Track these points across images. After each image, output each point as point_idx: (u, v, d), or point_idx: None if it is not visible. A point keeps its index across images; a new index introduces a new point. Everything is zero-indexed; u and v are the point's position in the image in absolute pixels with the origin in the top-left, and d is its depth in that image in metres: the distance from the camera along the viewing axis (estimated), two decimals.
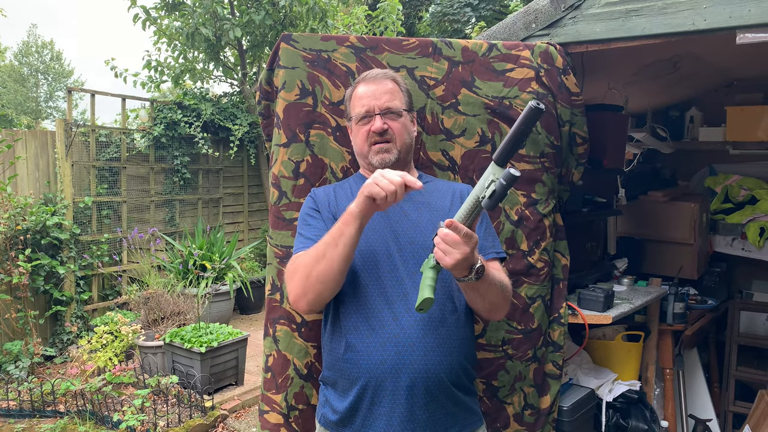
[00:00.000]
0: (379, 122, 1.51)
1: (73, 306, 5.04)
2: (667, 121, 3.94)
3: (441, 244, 1.26)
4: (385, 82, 1.56)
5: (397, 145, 1.53)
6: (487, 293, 1.38)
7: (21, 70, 23.76)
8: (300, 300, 1.40)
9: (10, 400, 3.83)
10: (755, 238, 3.50)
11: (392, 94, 1.55)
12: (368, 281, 1.44)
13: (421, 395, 1.38)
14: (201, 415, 3.63)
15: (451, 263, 1.25)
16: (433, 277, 1.30)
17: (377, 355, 1.39)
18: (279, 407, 1.87)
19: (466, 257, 1.24)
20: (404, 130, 1.55)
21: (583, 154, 2.18)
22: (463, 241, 1.23)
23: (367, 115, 1.53)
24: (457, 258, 1.24)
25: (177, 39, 6.46)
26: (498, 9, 8.88)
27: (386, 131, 1.51)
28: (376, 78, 1.57)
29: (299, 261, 1.42)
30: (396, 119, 1.53)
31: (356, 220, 1.32)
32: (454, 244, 1.24)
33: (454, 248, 1.24)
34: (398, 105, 1.54)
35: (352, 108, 1.59)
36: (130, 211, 5.79)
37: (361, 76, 1.61)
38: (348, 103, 1.62)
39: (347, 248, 1.33)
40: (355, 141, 1.60)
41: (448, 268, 1.26)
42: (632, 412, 2.54)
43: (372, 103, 1.53)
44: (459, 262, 1.24)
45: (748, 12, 1.76)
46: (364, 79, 1.58)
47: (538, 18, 2.17)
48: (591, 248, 2.91)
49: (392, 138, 1.53)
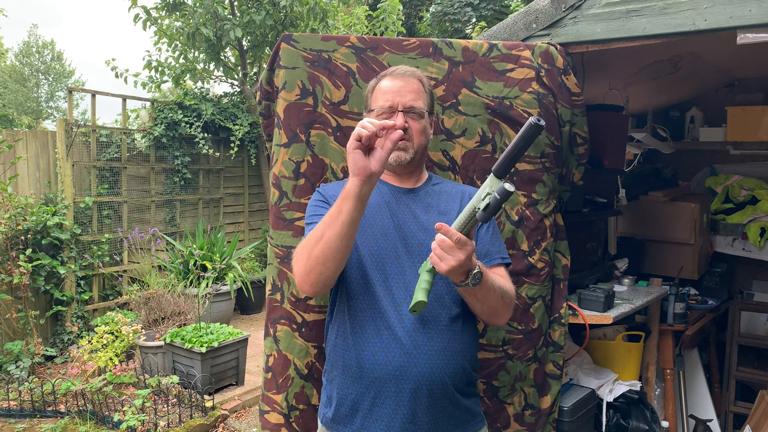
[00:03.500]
0: (401, 120, 1.49)
1: (73, 306, 5.04)
2: (668, 121, 3.94)
3: (437, 250, 1.25)
4: (412, 80, 1.54)
5: (414, 146, 1.52)
6: (486, 299, 1.38)
7: (22, 70, 23.76)
8: (303, 282, 1.38)
9: (11, 400, 3.83)
10: (756, 238, 3.49)
11: (417, 93, 1.53)
12: (375, 282, 1.44)
13: (424, 398, 1.37)
14: (201, 415, 3.63)
15: (446, 269, 1.24)
16: (428, 280, 1.30)
17: (382, 356, 1.38)
18: (280, 407, 1.87)
19: (460, 263, 1.24)
20: (423, 131, 1.54)
21: (584, 154, 2.18)
22: (457, 247, 1.23)
23: (390, 111, 1.51)
24: (452, 264, 1.23)
25: (177, 39, 6.46)
26: (498, 9, 8.88)
27: (406, 130, 1.49)
28: (404, 75, 1.54)
29: (302, 244, 1.40)
30: (417, 120, 1.52)
31: (353, 195, 1.28)
32: (448, 249, 1.23)
33: (449, 254, 1.23)
34: (421, 106, 1.53)
35: (374, 100, 1.56)
36: (131, 211, 5.79)
37: (388, 69, 1.58)
38: (370, 94, 1.58)
39: (345, 227, 1.29)
40: None
41: (443, 273, 1.26)
42: (633, 412, 2.53)
43: (396, 100, 1.51)
44: (454, 269, 1.24)
45: (749, 12, 1.76)
46: (392, 74, 1.55)
47: (539, 18, 2.17)
48: (591, 248, 2.91)
49: (411, 137, 1.51)
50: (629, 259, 3.22)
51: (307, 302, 1.87)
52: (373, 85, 1.58)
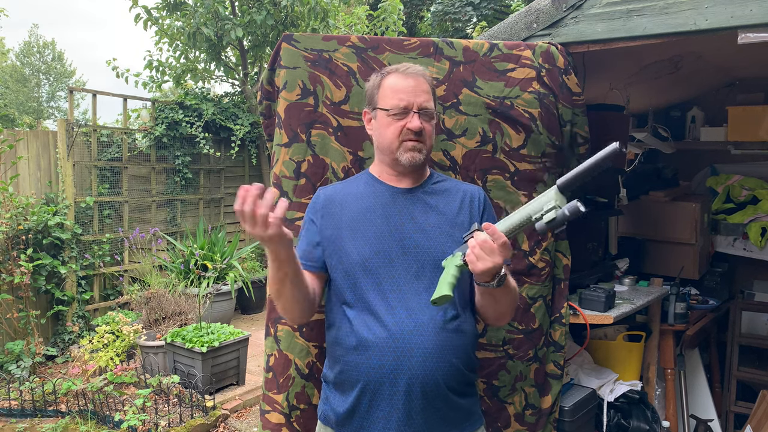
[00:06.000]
0: (417, 121, 1.46)
1: (74, 306, 5.04)
2: (669, 120, 3.94)
3: (476, 249, 1.24)
4: (423, 81, 1.51)
5: (426, 147, 1.51)
6: (501, 299, 1.39)
7: (23, 70, 23.78)
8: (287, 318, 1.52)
9: (12, 400, 3.84)
10: (756, 238, 3.49)
11: (429, 94, 1.51)
12: (368, 288, 1.43)
13: (418, 400, 1.37)
14: (202, 415, 3.63)
15: (481, 269, 1.23)
16: (455, 275, 1.28)
17: (376, 359, 1.38)
18: (280, 407, 1.87)
19: (497, 266, 1.24)
20: (433, 133, 1.54)
21: (585, 154, 2.18)
22: (499, 251, 1.22)
23: (405, 111, 1.47)
24: (488, 266, 1.23)
25: (178, 39, 6.46)
26: (499, 8, 8.87)
27: (421, 132, 1.47)
28: (415, 74, 1.50)
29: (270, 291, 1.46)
30: (429, 121, 1.50)
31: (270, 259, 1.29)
32: (490, 251, 1.22)
33: (489, 256, 1.23)
34: (432, 106, 1.52)
35: (383, 98, 1.50)
36: (132, 210, 5.80)
37: (393, 66, 1.54)
38: (376, 90, 1.53)
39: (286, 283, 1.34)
40: (383, 133, 1.50)
41: (476, 272, 1.25)
42: (633, 412, 2.53)
43: (411, 100, 1.47)
44: (489, 270, 1.24)
45: (750, 12, 1.76)
46: (401, 72, 1.51)
47: (540, 18, 2.17)
48: (592, 248, 2.91)
49: (424, 139, 1.49)
50: (630, 259, 3.22)
51: None
52: (378, 81, 1.53)
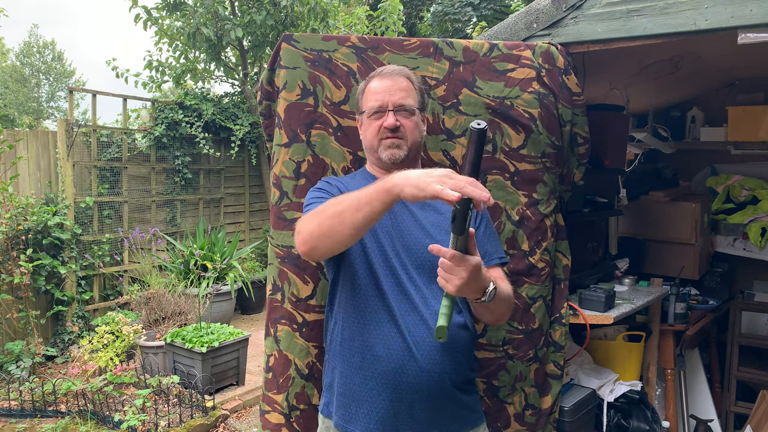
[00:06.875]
0: (392, 118, 1.50)
1: (74, 306, 5.04)
2: (669, 121, 3.94)
3: (440, 272, 1.21)
4: (400, 79, 1.55)
5: (408, 143, 1.53)
6: (496, 308, 1.39)
7: (22, 70, 23.78)
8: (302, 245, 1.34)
9: (12, 400, 3.84)
10: (756, 238, 3.49)
11: (407, 91, 1.54)
12: (381, 276, 1.44)
13: (423, 393, 1.38)
14: (202, 415, 3.63)
15: (453, 290, 1.20)
16: (447, 305, 1.24)
17: (383, 350, 1.40)
18: (280, 407, 1.87)
19: (465, 281, 1.18)
20: (416, 128, 1.55)
21: (585, 154, 2.18)
22: (455, 264, 1.18)
23: (380, 110, 1.52)
24: (457, 284, 1.19)
25: (178, 39, 6.46)
26: (499, 9, 8.88)
27: (398, 128, 1.51)
28: (392, 74, 1.56)
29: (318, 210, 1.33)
30: (408, 117, 1.53)
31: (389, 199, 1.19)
32: (449, 269, 1.19)
33: (451, 274, 1.19)
34: (411, 103, 1.54)
35: (364, 101, 1.58)
36: (132, 211, 5.80)
37: (376, 71, 1.60)
38: (360, 96, 1.60)
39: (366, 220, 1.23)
40: (365, 135, 1.58)
41: (454, 294, 1.21)
42: (633, 412, 2.53)
43: (386, 99, 1.52)
44: (461, 288, 1.19)
45: (750, 12, 1.76)
46: (380, 74, 1.57)
47: (540, 18, 2.17)
48: (592, 248, 2.91)
49: (404, 135, 1.52)
50: (630, 259, 3.22)
51: (307, 302, 1.87)
52: (363, 87, 1.60)
